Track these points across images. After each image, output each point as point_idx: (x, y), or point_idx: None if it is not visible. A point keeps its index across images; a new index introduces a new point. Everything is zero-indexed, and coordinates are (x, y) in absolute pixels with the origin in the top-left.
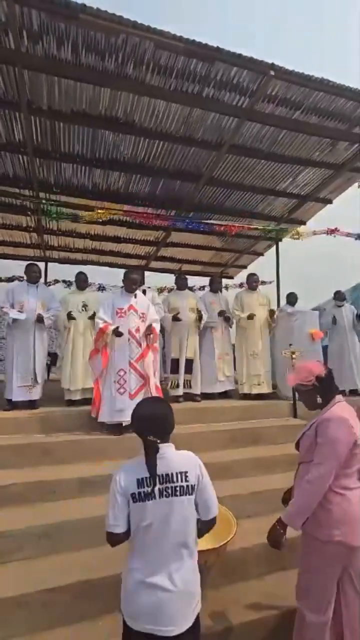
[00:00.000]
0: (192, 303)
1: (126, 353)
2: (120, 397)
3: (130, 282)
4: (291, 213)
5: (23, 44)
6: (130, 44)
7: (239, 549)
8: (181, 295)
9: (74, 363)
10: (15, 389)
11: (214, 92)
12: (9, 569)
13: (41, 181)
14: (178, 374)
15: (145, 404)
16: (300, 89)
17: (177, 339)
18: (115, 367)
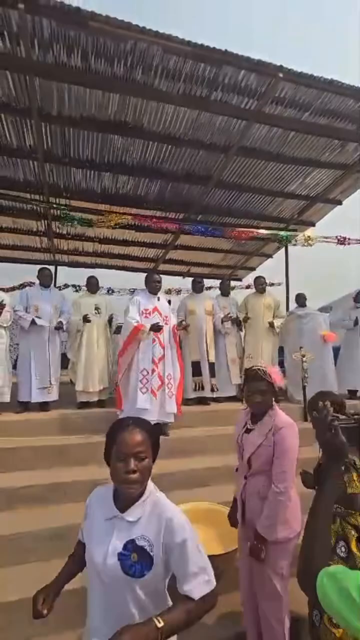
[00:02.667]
0: (209, 305)
1: (150, 353)
2: (142, 397)
3: (153, 282)
4: (300, 214)
5: (34, 52)
6: (138, 49)
7: None
8: (198, 298)
9: (88, 366)
10: (34, 390)
11: (222, 95)
12: (25, 570)
13: (51, 186)
14: (201, 377)
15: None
16: (309, 91)
17: (196, 341)
18: (138, 366)
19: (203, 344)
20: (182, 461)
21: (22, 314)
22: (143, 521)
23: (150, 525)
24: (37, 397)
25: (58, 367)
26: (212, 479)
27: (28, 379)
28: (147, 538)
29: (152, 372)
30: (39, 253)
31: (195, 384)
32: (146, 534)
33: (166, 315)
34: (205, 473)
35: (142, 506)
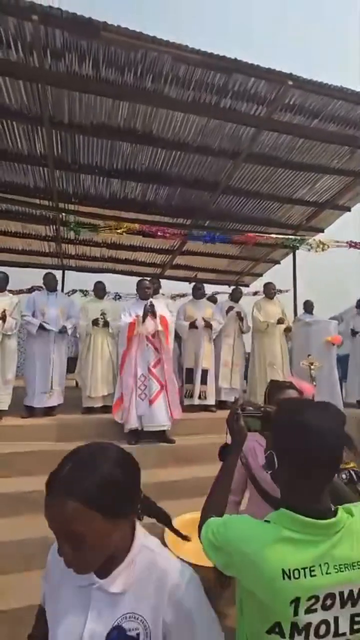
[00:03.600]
0: (209, 313)
1: (146, 358)
2: (142, 403)
3: (142, 289)
4: (309, 221)
5: (47, 61)
6: (149, 58)
7: None
8: (198, 305)
9: (93, 371)
10: (36, 395)
11: (232, 102)
12: (30, 577)
13: (60, 192)
14: (193, 384)
15: None
16: (319, 97)
17: (192, 348)
18: (136, 372)
19: (199, 351)
20: (186, 469)
21: (30, 319)
22: (133, 592)
23: (143, 598)
24: (39, 402)
25: (63, 372)
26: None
27: (33, 383)
28: (141, 618)
29: (150, 378)
30: (48, 258)
31: (187, 391)
32: (138, 612)
33: (161, 314)
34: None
35: (129, 570)
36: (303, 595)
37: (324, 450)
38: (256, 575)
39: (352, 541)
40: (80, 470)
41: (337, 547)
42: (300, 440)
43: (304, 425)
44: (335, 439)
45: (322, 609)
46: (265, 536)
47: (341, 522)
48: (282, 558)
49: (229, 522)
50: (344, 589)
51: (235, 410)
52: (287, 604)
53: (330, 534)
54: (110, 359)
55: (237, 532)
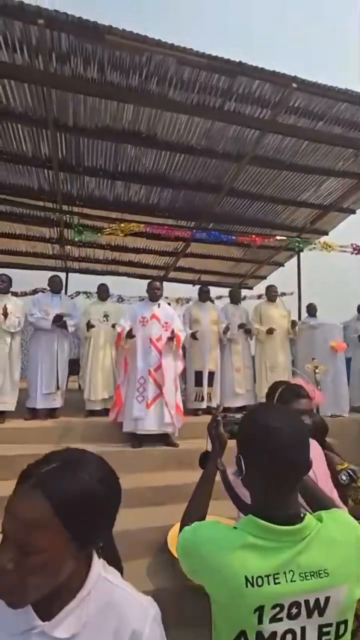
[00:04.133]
0: (214, 315)
1: (147, 361)
2: (138, 405)
3: (153, 290)
4: (313, 223)
5: (52, 65)
6: (153, 61)
7: None
8: (203, 307)
9: (94, 373)
10: (39, 396)
11: (236, 105)
12: None
13: (65, 194)
14: (202, 387)
15: None
16: (323, 100)
17: (199, 351)
18: (136, 374)
19: (207, 353)
20: (190, 473)
21: (39, 315)
22: (85, 637)
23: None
24: (42, 404)
25: (65, 374)
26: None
27: (35, 384)
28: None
29: (149, 381)
30: (51, 260)
31: (196, 394)
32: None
33: (166, 321)
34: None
35: (81, 609)
36: (267, 604)
37: (285, 452)
38: (220, 582)
39: (320, 548)
40: (65, 472)
41: (303, 554)
42: (261, 442)
43: (264, 426)
44: (297, 440)
45: (288, 618)
46: (229, 542)
47: (308, 529)
48: (245, 565)
49: (198, 527)
50: (309, 597)
51: (215, 417)
52: (251, 612)
53: (296, 540)
54: (112, 362)
55: (204, 537)
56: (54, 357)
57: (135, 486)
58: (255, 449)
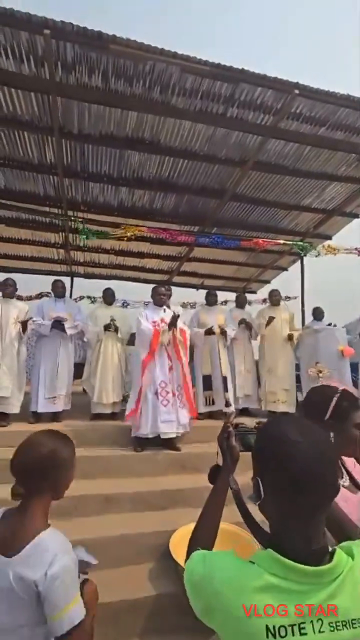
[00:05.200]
0: (221, 319)
1: (163, 365)
2: (164, 409)
3: (159, 295)
4: (316, 228)
5: (57, 74)
6: (157, 69)
7: None
8: (211, 311)
9: (102, 377)
10: (41, 400)
11: (238, 111)
12: None
13: (70, 200)
14: (211, 391)
15: None
16: (326, 106)
17: (207, 355)
18: (156, 379)
19: (215, 357)
20: (193, 477)
21: (41, 321)
22: None
23: None
24: (44, 407)
25: (69, 378)
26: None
27: (37, 388)
28: None
29: (168, 384)
30: (56, 265)
31: (206, 399)
32: None
33: (180, 327)
34: None
35: None
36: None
37: (309, 471)
38: (235, 630)
39: (354, 592)
40: None
41: (334, 599)
42: (281, 460)
43: (284, 442)
44: (322, 458)
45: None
46: (247, 583)
47: (339, 568)
48: (265, 611)
49: (209, 560)
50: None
51: (226, 428)
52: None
53: (326, 582)
54: (120, 365)
55: (217, 574)
56: (56, 361)
57: (138, 490)
58: (274, 469)
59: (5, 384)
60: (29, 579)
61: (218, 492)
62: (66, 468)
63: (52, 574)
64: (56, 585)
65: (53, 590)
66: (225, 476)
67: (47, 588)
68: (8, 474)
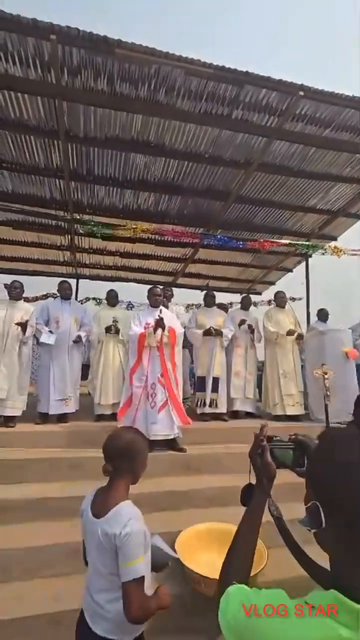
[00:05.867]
0: (220, 321)
1: (155, 367)
2: (152, 411)
3: (154, 296)
4: (321, 229)
5: (64, 78)
6: (162, 72)
7: (271, 581)
8: (209, 313)
9: (105, 378)
10: (52, 402)
11: (243, 113)
12: (41, 585)
13: (75, 202)
14: (205, 392)
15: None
16: (330, 107)
17: (204, 356)
18: (148, 381)
19: (211, 359)
20: (197, 479)
21: (41, 327)
22: None
23: None
24: (55, 409)
25: (77, 379)
26: (228, 498)
27: (47, 390)
28: None
29: (158, 386)
30: (62, 267)
31: (198, 400)
32: None
33: (169, 326)
34: (221, 492)
35: None
36: None
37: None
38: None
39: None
40: None
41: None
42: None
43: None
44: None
45: None
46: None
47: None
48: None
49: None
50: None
51: (259, 441)
52: None
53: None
54: (121, 366)
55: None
56: (66, 362)
57: (142, 491)
58: (341, 496)
59: (2, 386)
60: (110, 534)
61: (253, 516)
62: (142, 456)
63: (125, 533)
64: (126, 542)
65: (124, 545)
66: (260, 498)
67: (121, 543)
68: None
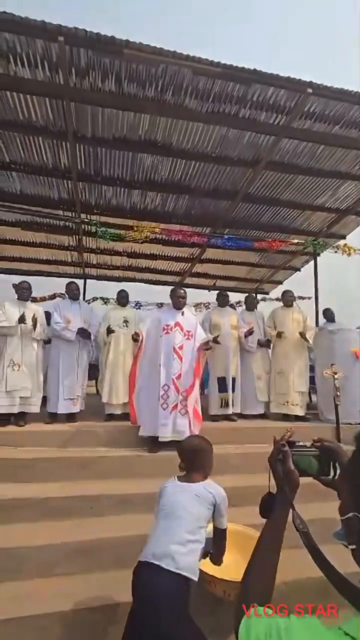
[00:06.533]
0: (234, 320)
1: (170, 369)
2: (163, 412)
3: (177, 298)
4: (330, 227)
5: (72, 79)
6: (169, 72)
7: (289, 581)
8: (222, 312)
9: (114, 377)
10: (61, 401)
11: (251, 112)
12: (50, 584)
13: (83, 203)
14: (227, 393)
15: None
16: (339, 104)
17: (220, 357)
18: (160, 382)
19: (228, 359)
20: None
21: (64, 325)
22: None
23: None
24: (63, 408)
25: (85, 379)
26: (237, 499)
27: (56, 389)
28: None
29: (172, 388)
30: (70, 267)
31: (221, 401)
32: None
33: (189, 330)
34: (231, 493)
35: None
36: None
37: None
38: None
39: None
40: None
41: None
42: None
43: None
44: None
45: None
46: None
47: None
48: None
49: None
50: None
51: (281, 446)
52: None
53: None
54: None
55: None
56: (75, 362)
57: (153, 491)
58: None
59: (26, 385)
60: (210, 493)
61: (274, 530)
62: (208, 455)
63: (222, 495)
64: (224, 503)
65: (223, 505)
66: (283, 509)
67: (219, 501)
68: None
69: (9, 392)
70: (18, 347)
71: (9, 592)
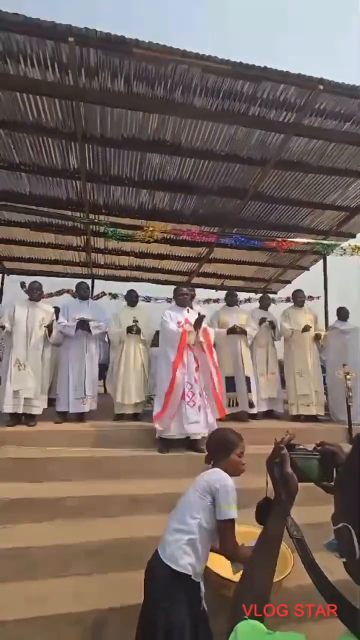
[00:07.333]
0: (243, 319)
1: (189, 366)
2: (191, 410)
3: (180, 295)
4: (340, 226)
5: (81, 80)
6: (179, 71)
7: (295, 586)
8: (231, 311)
9: (126, 377)
10: (71, 400)
11: (260, 109)
12: (63, 584)
13: (91, 203)
14: (235, 392)
15: None
16: (351, 101)
17: (229, 356)
18: (184, 380)
19: (238, 358)
20: None
21: (65, 323)
22: None
23: None
24: (73, 408)
25: (95, 379)
26: (247, 500)
27: (66, 389)
28: None
29: (195, 385)
30: (78, 267)
31: (230, 400)
32: None
33: (204, 327)
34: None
35: None
36: None
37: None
38: None
39: None
40: None
41: None
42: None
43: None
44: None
45: None
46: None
47: None
48: None
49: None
50: None
51: (279, 450)
52: None
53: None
54: (143, 366)
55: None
56: (83, 362)
57: (163, 492)
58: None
59: (29, 386)
60: (205, 481)
61: (270, 538)
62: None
63: (220, 485)
64: (221, 492)
65: (220, 493)
66: (279, 515)
67: (214, 490)
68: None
69: (15, 391)
70: (24, 347)
71: (22, 592)
